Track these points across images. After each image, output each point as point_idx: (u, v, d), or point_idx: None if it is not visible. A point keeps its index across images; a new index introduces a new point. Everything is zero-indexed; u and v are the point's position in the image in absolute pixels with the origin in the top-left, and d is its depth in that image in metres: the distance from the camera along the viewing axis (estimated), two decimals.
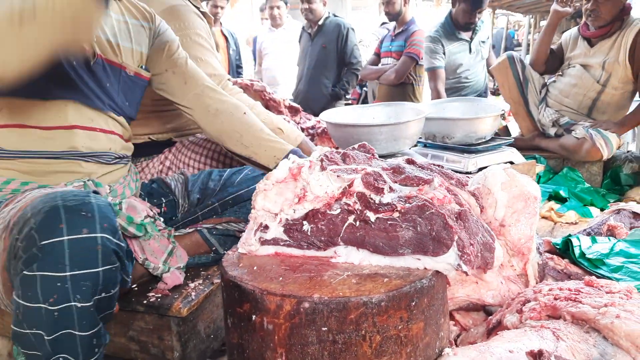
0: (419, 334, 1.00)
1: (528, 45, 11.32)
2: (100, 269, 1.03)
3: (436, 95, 3.80)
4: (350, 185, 1.10)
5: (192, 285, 1.36)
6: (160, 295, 1.30)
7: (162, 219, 1.51)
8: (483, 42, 3.94)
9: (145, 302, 1.28)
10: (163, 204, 1.66)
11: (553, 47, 3.39)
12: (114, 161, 1.51)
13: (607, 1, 2.90)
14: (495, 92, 4.53)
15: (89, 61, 1.42)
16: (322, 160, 1.15)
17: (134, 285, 1.37)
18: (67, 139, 1.37)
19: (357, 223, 1.08)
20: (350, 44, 4.48)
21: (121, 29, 1.54)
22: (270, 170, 1.68)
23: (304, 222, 1.11)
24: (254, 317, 0.99)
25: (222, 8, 4.55)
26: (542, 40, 3.26)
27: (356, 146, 1.32)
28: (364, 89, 5.52)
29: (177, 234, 1.53)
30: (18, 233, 1.05)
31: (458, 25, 3.77)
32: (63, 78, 1.36)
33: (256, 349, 1.01)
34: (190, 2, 2.01)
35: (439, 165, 1.32)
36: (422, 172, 1.18)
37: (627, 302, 1.14)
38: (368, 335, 0.95)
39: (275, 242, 1.13)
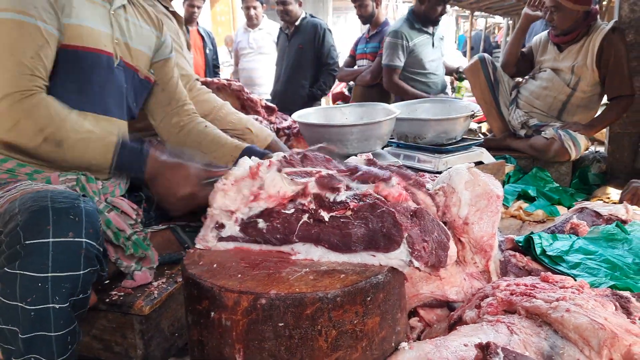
0: (374, 329, 1.02)
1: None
2: (81, 272, 1.04)
3: (397, 89, 3.87)
4: (304, 188, 1.13)
5: (155, 283, 1.36)
6: (123, 293, 1.30)
7: (140, 220, 1.52)
8: (441, 38, 4.02)
9: (107, 300, 1.28)
10: (143, 200, 1.67)
11: (524, 50, 3.46)
12: None
13: (560, 13, 2.98)
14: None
15: (113, 64, 1.47)
16: (280, 162, 1.17)
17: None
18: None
19: (312, 221, 1.10)
20: (327, 45, 4.50)
21: (136, 32, 1.58)
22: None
23: (259, 220, 1.14)
24: (212, 313, 1.01)
25: (198, 8, 4.54)
26: (512, 43, 3.33)
27: (316, 147, 1.34)
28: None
29: (150, 230, 1.53)
30: (3, 226, 1.06)
31: (423, 20, 3.83)
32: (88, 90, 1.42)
33: (215, 346, 1.02)
34: (160, 2, 2.01)
35: (398, 166, 1.34)
36: (379, 171, 1.20)
37: (577, 296, 1.18)
38: (324, 330, 0.97)
39: (232, 239, 1.16)
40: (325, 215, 1.09)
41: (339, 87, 5.92)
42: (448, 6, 3.82)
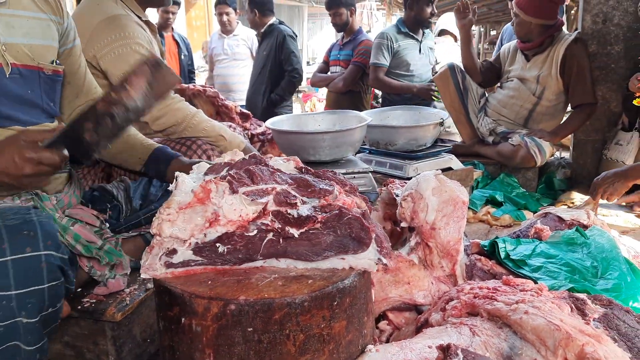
0: (341, 332, 1.06)
1: (478, 54, 11.71)
2: (45, 285, 1.04)
3: (382, 85, 3.94)
4: (264, 207, 1.12)
5: (127, 290, 1.38)
6: (95, 300, 1.31)
7: (108, 225, 1.53)
8: (431, 48, 4.09)
9: (79, 307, 1.29)
10: (108, 209, 1.66)
11: (491, 60, 3.56)
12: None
13: (517, 20, 3.13)
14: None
15: (3, 75, 1.32)
16: (230, 182, 1.13)
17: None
18: None
19: (278, 239, 1.11)
20: (287, 51, 4.40)
21: (31, 26, 1.42)
22: (139, 172, 1.69)
23: (218, 244, 1.11)
24: (183, 319, 1.03)
25: (173, 14, 4.53)
26: (463, 55, 3.42)
27: (247, 156, 1.32)
28: None
29: (120, 236, 1.54)
30: None
31: (413, 25, 3.92)
32: None
33: (186, 351, 1.04)
34: (133, 12, 2.02)
35: (332, 172, 1.37)
36: (322, 182, 1.24)
37: (536, 299, 1.23)
38: (292, 334, 1.00)
39: (184, 264, 1.11)
40: (295, 232, 1.11)
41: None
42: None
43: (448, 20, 5.49)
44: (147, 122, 1.98)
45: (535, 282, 1.44)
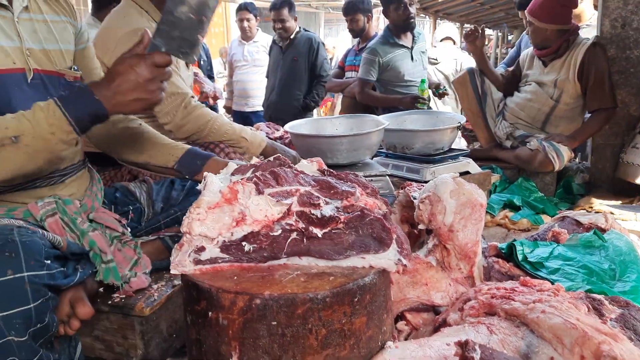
0: (361, 328, 1.09)
1: (496, 58, 11.68)
2: (31, 305, 1.03)
3: (368, 98, 4.00)
4: (289, 208, 1.16)
5: (155, 286, 1.42)
6: (124, 296, 1.37)
7: (129, 229, 1.56)
8: (423, 52, 4.11)
9: (110, 302, 1.34)
10: (130, 211, 1.69)
11: (512, 68, 3.57)
12: (83, 164, 1.52)
13: (532, 28, 3.15)
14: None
15: (25, 81, 1.33)
16: (256, 183, 1.18)
17: (100, 288, 1.42)
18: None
19: (302, 238, 1.15)
20: (321, 58, 4.64)
21: (49, 30, 1.42)
22: (170, 168, 1.67)
23: (244, 243, 1.15)
24: (210, 313, 1.07)
25: None
26: (485, 73, 3.45)
27: (272, 158, 1.36)
28: None
29: (141, 240, 1.58)
30: None
31: (398, 30, 3.92)
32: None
33: (212, 344, 1.09)
34: (155, 21, 2.07)
35: (354, 174, 1.41)
36: (344, 184, 1.28)
37: (553, 299, 1.25)
38: (314, 328, 1.04)
39: (212, 261, 1.15)
40: (319, 232, 1.14)
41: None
42: (431, 20, 3.92)
43: (447, 28, 6.10)
44: (172, 130, 2.04)
45: (552, 283, 1.46)
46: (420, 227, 1.68)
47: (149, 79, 1.23)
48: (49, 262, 1.09)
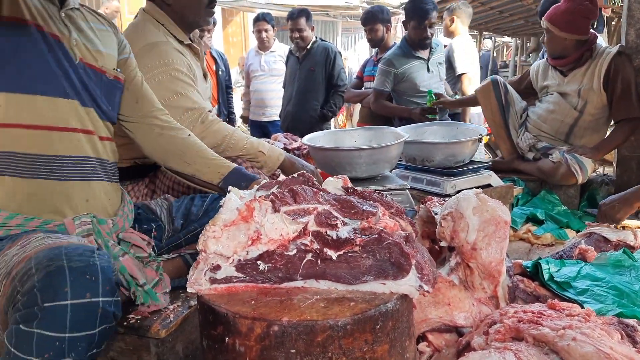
0: (383, 356, 1.05)
1: (515, 66, 11.58)
2: (97, 330, 1.06)
3: (382, 108, 3.99)
4: (305, 227, 1.14)
5: (171, 307, 1.40)
6: (140, 317, 1.34)
7: (154, 249, 1.55)
8: (440, 63, 4.06)
9: (125, 323, 1.32)
10: (153, 229, 1.68)
11: (521, 77, 3.51)
12: (113, 174, 1.55)
13: (549, 36, 3.07)
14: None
15: (74, 60, 1.41)
16: (273, 201, 1.15)
17: None
18: (73, 143, 1.40)
19: (317, 260, 1.12)
20: (338, 68, 4.61)
21: (95, 34, 1.52)
22: (215, 185, 1.72)
23: (259, 262, 1.13)
24: (226, 339, 1.04)
25: (208, 31, 4.64)
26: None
27: (296, 175, 1.35)
28: None
29: (160, 258, 1.56)
30: (20, 285, 1.07)
31: (414, 44, 3.89)
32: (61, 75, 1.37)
33: None
34: (175, 37, 2.05)
35: (379, 193, 1.37)
36: (366, 203, 1.24)
37: (584, 325, 1.20)
38: (334, 357, 1.00)
39: (227, 280, 1.13)
40: (333, 254, 1.11)
41: None
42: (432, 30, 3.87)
43: None
44: None
45: (582, 306, 1.40)
46: (442, 244, 1.64)
47: None
48: (117, 290, 1.13)
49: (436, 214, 1.78)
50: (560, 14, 2.99)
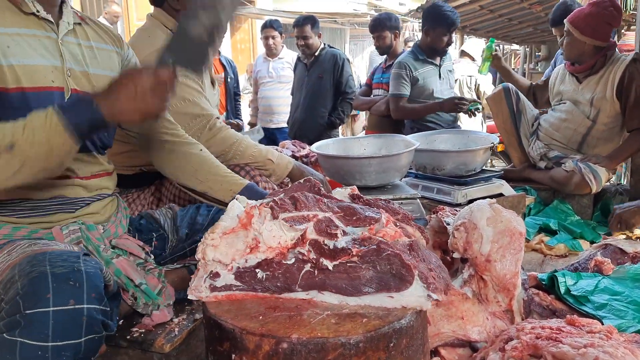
0: None
1: (524, 74, 11.52)
2: (82, 339, 1.01)
3: (406, 113, 3.84)
4: (303, 234, 1.11)
5: (176, 320, 1.36)
6: (143, 330, 1.30)
7: (152, 256, 1.52)
8: (450, 71, 4.00)
9: (128, 337, 1.28)
10: (154, 239, 1.65)
11: (540, 82, 3.47)
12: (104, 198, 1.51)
13: (568, 39, 3.01)
14: None
15: (63, 99, 1.34)
16: (272, 208, 1.13)
17: (120, 320, 1.37)
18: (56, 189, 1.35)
19: (315, 270, 1.09)
20: (346, 75, 4.58)
21: (93, 55, 1.46)
22: (227, 203, 1.68)
23: (257, 270, 1.11)
24: (233, 356, 1.00)
25: None
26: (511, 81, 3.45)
27: (302, 180, 1.32)
28: None
29: (165, 269, 1.53)
30: (4, 293, 1.04)
31: (428, 51, 3.83)
32: None
33: None
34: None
35: (385, 201, 1.34)
36: (370, 210, 1.20)
37: (606, 343, 1.14)
38: None
39: (227, 288, 1.12)
40: (329, 264, 1.08)
41: None
42: (458, 35, 3.83)
43: (469, 44, 6.16)
44: None
45: (601, 322, 1.35)
46: (455, 255, 1.59)
47: (148, 90, 1.22)
48: (105, 298, 1.08)
49: (448, 224, 1.74)
50: (584, 17, 2.95)
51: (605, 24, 2.91)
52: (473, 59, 5.71)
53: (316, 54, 4.58)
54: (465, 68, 5.59)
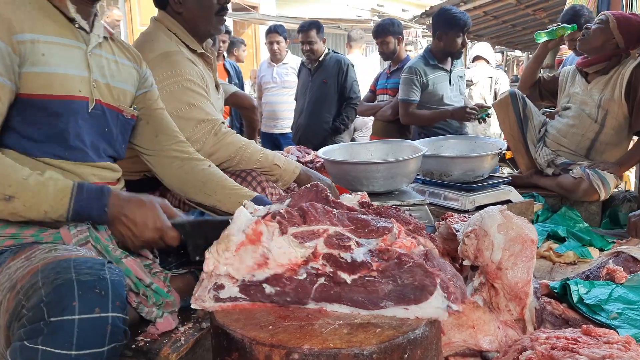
0: None
1: None
2: (105, 348, 1.01)
3: (415, 119, 3.81)
4: (314, 251, 1.08)
5: (182, 329, 1.33)
6: (149, 339, 1.28)
7: (158, 260, 1.50)
8: (460, 77, 3.97)
9: (133, 346, 1.25)
10: None
11: (546, 76, 3.44)
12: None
13: (595, 30, 2.96)
14: None
15: (86, 109, 1.40)
16: (280, 223, 1.09)
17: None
18: None
19: (330, 283, 1.06)
20: (350, 80, 4.56)
21: (117, 69, 1.52)
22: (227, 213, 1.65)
23: (265, 285, 1.08)
24: None
25: (223, 42, 4.62)
26: (529, 66, 3.42)
27: (308, 186, 1.30)
28: None
29: (170, 274, 1.50)
30: (26, 299, 1.03)
31: (442, 56, 3.80)
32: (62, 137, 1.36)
33: None
34: (187, 46, 2.00)
35: (395, 209, 1.32)
36: (381, 221, 1.17)
37: (625, 354, 1.11)
38: None
39: (232, 300, 1.09)
40: (348, 278, 1.05)
41: None
42: (467, 40, 3.80)
43: (479, 47, 6.07)
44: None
45: (617, 332, 1.32)
46: (466, 263, 1.57)
47: (147, 238, 1.32)
48: (127, 306, 1.10)
49: (457, 230, 1.71)
50: (626, 17, 2.93)
51: (638, 32, 2.89)
52: (488, 62, 5.66)
53: (320, 59, 4.56)
54: (483, 71, 5.50)
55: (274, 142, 5.22)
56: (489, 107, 3.59)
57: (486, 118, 3.58)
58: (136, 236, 1.31)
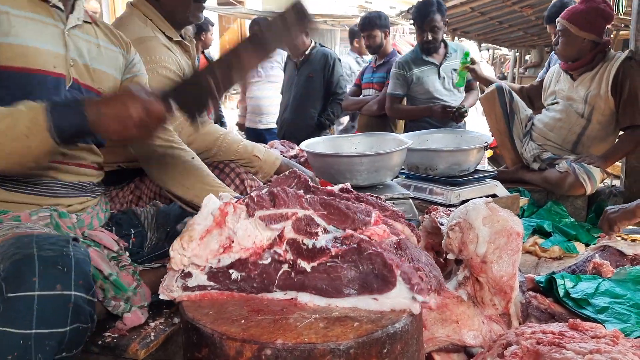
0: None
1: (514, 78, 11.56)
2: (68, 328, 0.95)
3: (399, 113, 3.87)
4: (280, 234, 1.04)
5: (152, 324, 1.27)
6: (116, 335, 1.21)
7: (127, 253, 1.44)
8: (455, 69, 3.94)
9: (100, 342, 1.19)
10: (132, 235, 1.58)
11: (535, 83, 3.43)
12: (88, 192, 1.46)
13: (564, 38, 2.97)
14: None
15: (63, 86, 1.36)
16: (247, 205, 1.06)
17: None
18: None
19: (293, 271, 1.02)
20: (337, 75, 4.47)
21: (98, 53, 1.49)
22: None
23: (231, 270, 1.04)
24: None
25: (205, 32, 4.55)
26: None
27: (287, 172, 1.26)
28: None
29: (142, 268, 1.44)
30: None
31: (423, 50, 3.81)
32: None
33: None
34: (163, 33, 1.93)
35: (376, 197, 1.28)
36: (358, 207, 1.13)
37: (614, 349, 1.07)
38: None
39: (200, 288, 1.06)
40: (307, 266, 1.01)
41: None
42: (449, 38, 3.80)
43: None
44: None
45: (604, 326, 1.28)
46: (450, 257, 1.53)
47: (135, 120, 1.23)
48: (93, 288, 1.04)
49: (442, 224, 1.67)
50: (580, 13, 2.91)
51: (601, 19, 2.88)
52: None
53: (306, 52, 4.47)
54: None
55: (258, 137, 5.13)
56: (462, 107, 3.59)
57: (462, 115, 3.58)
58: (126, 126, 1.22)
